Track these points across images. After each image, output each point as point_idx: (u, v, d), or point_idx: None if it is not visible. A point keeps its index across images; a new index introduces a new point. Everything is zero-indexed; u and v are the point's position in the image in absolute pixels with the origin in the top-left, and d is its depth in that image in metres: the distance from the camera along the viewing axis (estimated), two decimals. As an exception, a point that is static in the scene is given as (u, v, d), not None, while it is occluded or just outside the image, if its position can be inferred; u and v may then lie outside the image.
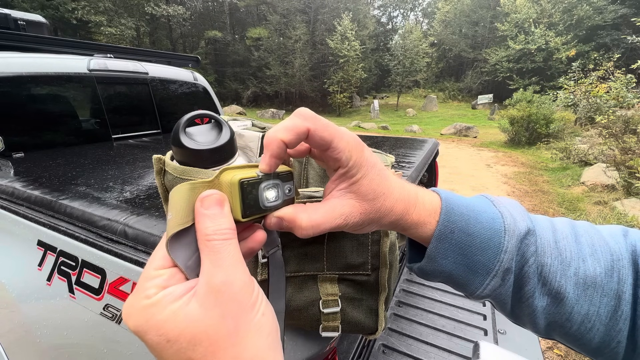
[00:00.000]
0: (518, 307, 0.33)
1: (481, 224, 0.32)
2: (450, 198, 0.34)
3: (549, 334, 0.34)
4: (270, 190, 0.27)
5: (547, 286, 0.32)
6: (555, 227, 0.34)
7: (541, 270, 0.32)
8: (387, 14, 34.93)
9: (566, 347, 0.37)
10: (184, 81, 2.67)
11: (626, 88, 8.05)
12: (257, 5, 29.48)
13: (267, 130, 0.74)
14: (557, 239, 0.33)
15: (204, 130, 0.60)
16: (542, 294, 0.32)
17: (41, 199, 1.03)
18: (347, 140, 0.30)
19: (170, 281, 0.23)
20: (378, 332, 0.59)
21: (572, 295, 0.31)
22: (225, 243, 0.24)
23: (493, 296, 0.33)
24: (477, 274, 0.32)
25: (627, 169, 5.05)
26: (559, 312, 0.31)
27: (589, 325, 0.30)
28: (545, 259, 0.32)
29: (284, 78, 25.90)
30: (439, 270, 0.33)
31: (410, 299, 1.25)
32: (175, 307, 0.21)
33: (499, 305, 0.35)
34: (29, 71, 1.72)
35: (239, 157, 0.63)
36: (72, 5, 18.93)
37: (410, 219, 0.33)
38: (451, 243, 0.32)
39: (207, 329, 0.21)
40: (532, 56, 21.53)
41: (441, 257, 0.33)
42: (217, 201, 0.25)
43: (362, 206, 0.31)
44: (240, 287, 0.23)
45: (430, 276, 0.35)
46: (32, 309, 0.97)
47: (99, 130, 2.07)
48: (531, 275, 0.32)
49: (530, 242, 0.32)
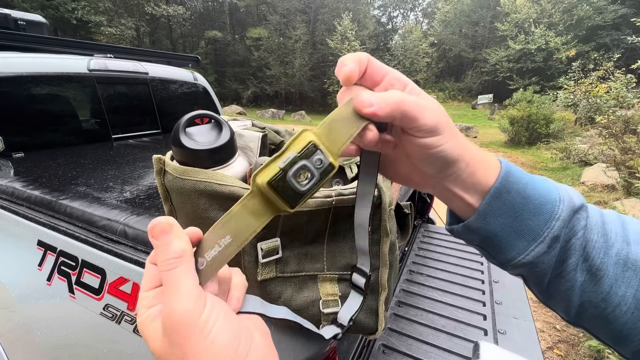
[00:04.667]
0: (556, 281, 0.33)
1: (537, 190, 0.32)
2: (507, 162, 0.34)
3: (579, 316, 0.34)
4: (299, 176, 0.26)
5: (588, 262, 0.32)
6: (602, 212, 0.35)
7: (585, 245, 0.32)
8: (387, 14, 34.93)
9: (592, 336, 0.36)
10: (184, 81, 2.67)
11: (626, 88, 8.04)
12: (257, 5, 29.48)
13: (267, 130, 0.74)
14: (604, 221, 0.33)
15: (204, 130, 0.60)
16: (582, 270, 0.32)
17: (41, 199, 1.03)
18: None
19: (153, 301, 0.26)
20: (378, 332, 0.59)
21: (611, 274, 0.31)
22: (170, 273, 0.25)
23: (533, 264, 0.32)
24: (522, 239, 0.32)
25: (627, 169, 5.05)
26: (595, 291, 0.31)
27: (624, 309, 0.30)
28: (593, 235, 0.32)
29: (284, 78, 25.90)
30: (484, 229, 0.33)
31: (410, 299, 1.25)
32: (152, 327, 0.25)
33: (535, 279, 0.34)
34: (29, 71, 1.72)
35: (239, 157, 0.63)
36: (72, 5, 18.92)
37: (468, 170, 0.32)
38: (505, 203, 0.32)
39: (163, 354, 0.24)
40: (532, 56, 21.52)
41: (492, 215, 0.32)
42: (162, 230, 0.26)
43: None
44: (180, 316, 0.23)
45: (472, 235, 0.35)
46: (32, 309, 0.97)
47: (99, 130, 2.07)
48: (577, 249, 0.32)
49: (582, 216, 0.32)
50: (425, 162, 0.32)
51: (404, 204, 0.95)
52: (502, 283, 1.39)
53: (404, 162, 0.35)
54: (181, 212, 0.54)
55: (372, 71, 0.30)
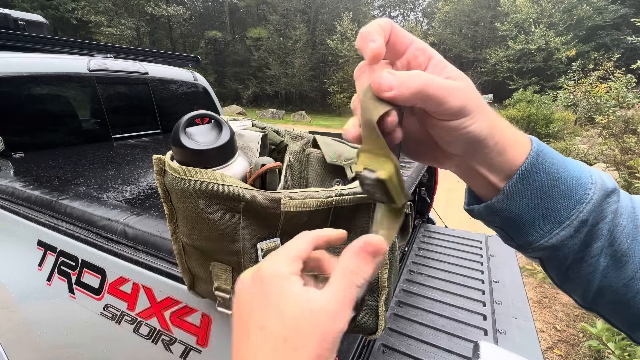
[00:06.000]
0: (577, 265, 0.32)
1: (568, 172, 0.31)
2: (539, 141, 0.32)
3: (595, 301, 0.33)
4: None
5: (613, 247, 0.31)
6: (632, 197, 0.34)
7: (613, 230, 0.31)
8: (387, 14, 34.92)
9: (604, 320, 0.35)
10: (184, 81, 2.67)
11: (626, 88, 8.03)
12: (257, 5, 29.47)
13: (267, 130, 0.74)
14: (634, 206, 0.32)
15: (204, 130, 0.60)
16: (606, 254, 0.31)
17: (41, 199, 1.03)
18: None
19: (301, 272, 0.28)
20: (378, 332, 0.59)
21: (637, 260, 0.30)
22: (352, 290, 0.25)
23: (556, 248, 0.31)
24: (548, 221, 0.30)
25: (627, 169, 5.05)
26: (617, 277, 0.31)
27: None
28: (622, 220, 0.31)
29: (284, 78, 25.89)
30: (508, 210, 0.31)
31: (410, 299, 1.25)
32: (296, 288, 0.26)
33: (554, 262, 0.33)
34: (29, 71, 1.72)
35: (239, 157, 0.63)
36: (72, 5, 18.92)
37: (497, 149, 0.30)
38: (533, 184, 0.30)
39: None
40: (532, 56, 21.51)
41: (518, 196, 0.31)
42: (372, 253, 0.27)
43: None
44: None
45: (494, 216, 0.33)
46: (32, 309, 0.97)
47: (99, 130, 2.07)
48: (604, 233, 0.30)
49: (613, 200, 0.31)
50: (450, 144, 0.30)
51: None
52: (502, 283, 1.39)
53: (426, 141, 0.32)
54: (181, 212, 0.54)
55: (395, 41, 0.28)
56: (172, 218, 0.56)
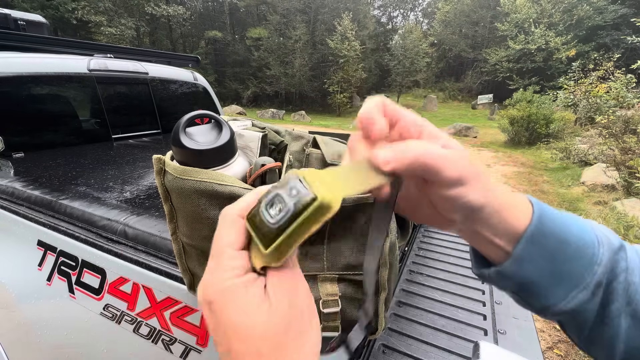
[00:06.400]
0: (598, 328, 0.31)
1: (572, 232, 0.30)
2: (539, 202, 0.32)
3: None
4: (272, 207, 0.22)
5: (631, 306, 0.30)
6: (636, 249, 0.33)
7: (627, 289, 0.30)
8: (387, 14, 34.94)
9: None
10: (184, 81, 2.67)
11: (626, 88, 8.04)
12: (257, 5, 29.48)
13: (267, 130, 0.74)
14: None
15: (204, 130, 0.60)
16: (626, 314, 0.30)
17: (41, 199, 1.03)
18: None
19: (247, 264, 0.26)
20: (378, 332, 0.59)
21: None
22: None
23: (575, 312, 0.30)
24: (562, 285, 0.30)
25: (627, 169, 5.05)
26: None
27: None
28: (634, 277, 0.30)
29: (284, 78, 25.89)
30: (519, 275, 0.31)
31: (410, 299, 1.25)
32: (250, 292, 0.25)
33: (575, 326, 0.32)
34: (29, 71, 1.72)
35: (239, 157, 0.63)
36: (72, 5, 18.92)
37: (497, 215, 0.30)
38: (542, 247, 0.30)
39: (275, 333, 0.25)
40: (532, 56, 21.52)
41: (528, 260, 0.30)
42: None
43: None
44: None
45: (506, 281, 0.32)
46: (32, 309, 0.97)
47: (99, 130, 2.07)
48: (620, 293, 0.30)
49: (622, 257, 0.30)
50: (449, 211, 0.30)
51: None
52: (502, 283, 1.39)
53: (425, 206, 0.32)
54: (181, 212, 0.54)
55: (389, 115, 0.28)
56: (172, 218, 0.56)
